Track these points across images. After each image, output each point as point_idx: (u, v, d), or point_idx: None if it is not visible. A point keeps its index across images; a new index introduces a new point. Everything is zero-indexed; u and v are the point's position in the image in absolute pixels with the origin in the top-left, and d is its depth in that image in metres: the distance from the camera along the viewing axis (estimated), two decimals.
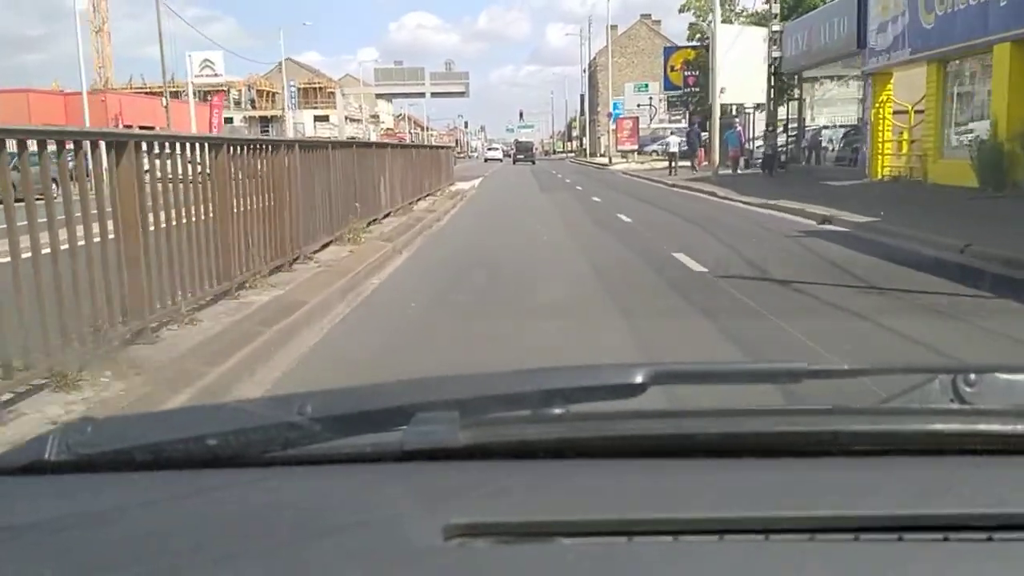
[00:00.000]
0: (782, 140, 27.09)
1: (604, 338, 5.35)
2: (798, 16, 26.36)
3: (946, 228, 9.92)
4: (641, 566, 0.70)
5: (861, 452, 0.87)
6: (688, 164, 31.39)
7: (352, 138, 61.81)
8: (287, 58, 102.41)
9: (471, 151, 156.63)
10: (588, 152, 77.88)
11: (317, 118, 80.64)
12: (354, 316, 6.45)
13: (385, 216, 13.08)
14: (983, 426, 0.88)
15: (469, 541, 0.72)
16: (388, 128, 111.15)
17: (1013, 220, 11.31)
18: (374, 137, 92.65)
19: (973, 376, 0.97)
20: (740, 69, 25.60)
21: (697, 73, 34.45)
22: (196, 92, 79.16)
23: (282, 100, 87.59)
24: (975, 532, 0.72)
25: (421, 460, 0.86)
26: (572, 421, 0.91)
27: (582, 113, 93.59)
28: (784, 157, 25.46)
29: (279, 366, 4.77)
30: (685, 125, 69.60)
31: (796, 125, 26.21)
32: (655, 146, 60.54)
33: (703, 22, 33.84)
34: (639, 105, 51.08)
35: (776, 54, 25.77)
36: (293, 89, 75.18)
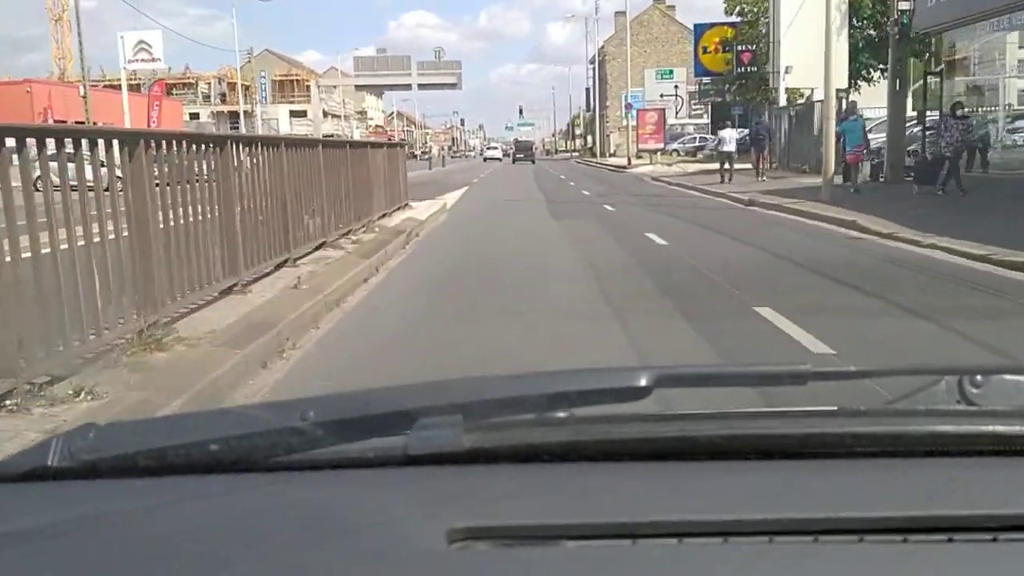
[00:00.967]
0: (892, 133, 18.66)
1: None
2: None
3: None
4: (645, 569, 0.70)
5: (866, 454, 0.87)
6: (747, 166, 23.00)
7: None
8: (266, 49, 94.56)
9: (468, 150, 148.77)
10: (597, 151, 69.55)
11: (294, 113, 72.34)
12: None
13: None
14: (989, 427, 0.87)
15: (473, 545, 0.72)
16: (377, 126, 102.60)
17: None
18: (357, 136, 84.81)
19: (979, 377, 0.96)
20: (806, 44, 19.41)
21: (753, 48, 26.05)
22: (143, 83, 71.38)
23: (257, 90, 79.56)
24: (980, 533, 0.71)
25: (425, 464, 0.85)
26: (576, 424, 0.90)
27: (588, 109, 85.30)
28: (924, 159, 16.95)
29: None
30: (706, 121, 61.82)
31: (937, 113, 17.57)
32: (675, 144, 52.37)
33: None
34: (662, 96, 42.72)
35: (905, 5, 17.34)
36: (263, 80, 66.83)
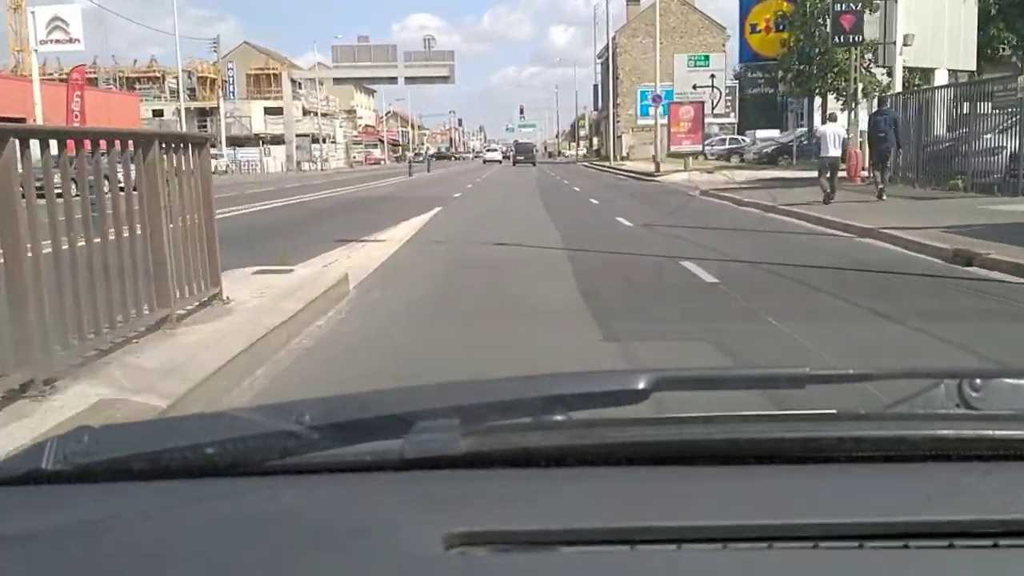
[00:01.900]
0: None
1: None
2: None
3: None
4: (643, 575, 0.70)
5: (866, 458, 0.86)
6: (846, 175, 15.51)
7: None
8: (245, 42, 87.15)
9: (466, 151, 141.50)
10: (609, 154, 62.23)
11: (269, 110, 65.01)
12: None
13: None
14: (989, 431, 0.86)
15: (470, 550, 0.71)
16: (367, 126, 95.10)
17: None
18: (340, 137, 77.60)
19: (979, 381, 0.96)
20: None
21: (855, 8, 18.54)
22: (119, 79, 64.13)
23: (239, 89, 72.27)
24: (981, 539, 0.71)
25: (421, 468, 0.85)
26: (573, 428, 0.90)
27: (596, 108, 77.93)
28: None
29: None
30: (733, 120, 54.44)
31: None
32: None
33: None
34: (695, 87, 35.35)
35: None
36: (231, 73, 59.42)
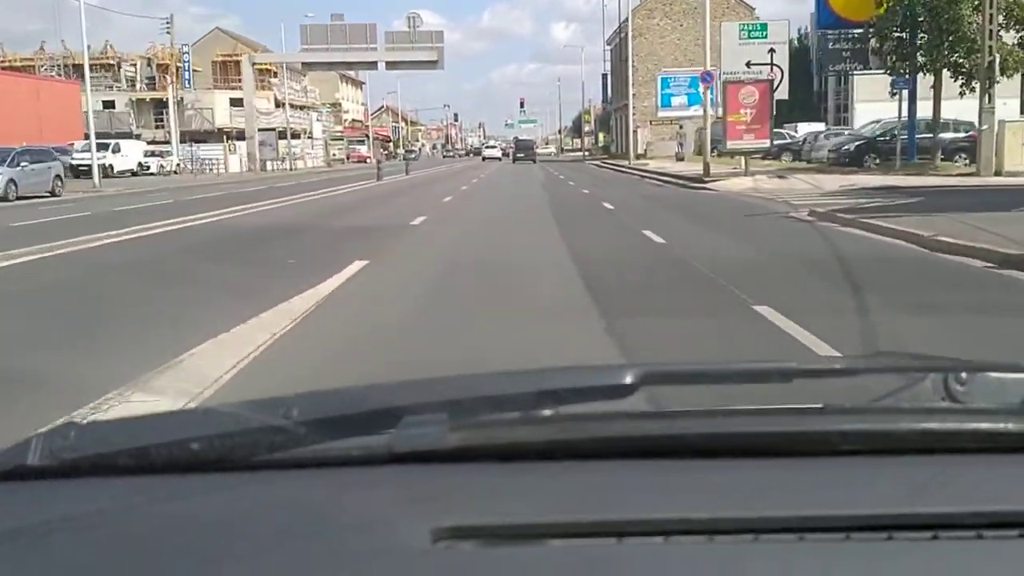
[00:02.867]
0: None
1: None
2: None
3: None
4: (631, 567, 0.70)
5: (852, 451, 0.87)
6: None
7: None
8: (216, 28, 79.50)
9: (464, 148, 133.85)
10: (623, 151, 54.56)
11: (235, 102, 57.25)
12: None
13: None
14: (974, 424, 0.88)
15: (458, 544, 0.72)
16: (354, 120, 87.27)
17: None
18: (318, 132, 69.97)
19: (964, 375, 0.97)
20: None
21: None
22: (67, 66, 56.45)
23: (205, 79, 64.57)
24: (965, 530, 0.72)
25: (409, 462, 0.85)
26: (562, 422, 0.90)
27: (604, 100, 70.34)
28: None
29: None
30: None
31: None
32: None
33: None
34: (750, 65, 27.62)
35: None
36: (187, 58, 51.63)
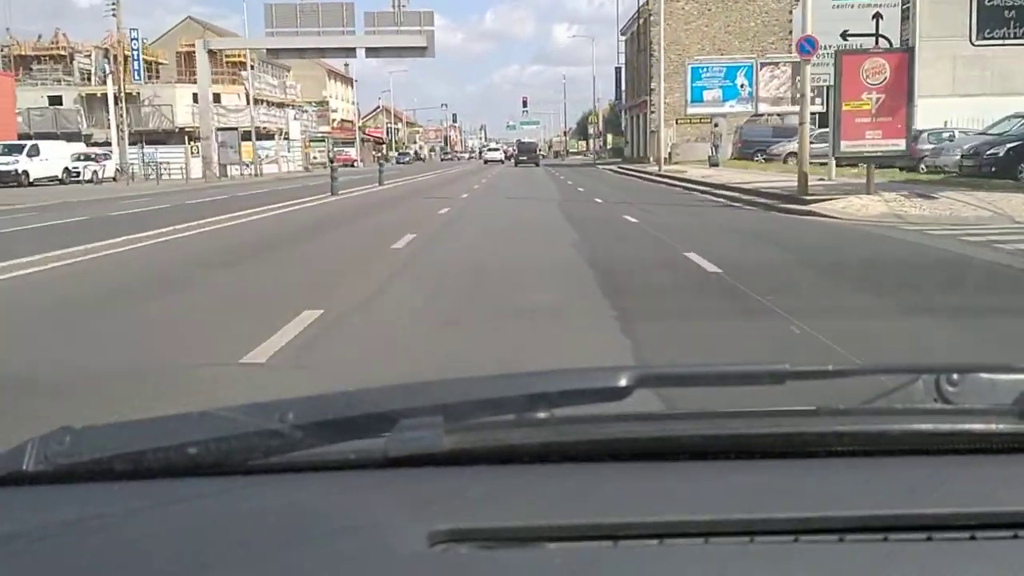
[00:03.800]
0: None
1: None
2: None
3: None
4: (627, 570, 0.70)
5: (846, 453, 0.87)
6: None
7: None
8: (188, 17, 72.45)
9: (463, 151, 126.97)
10: (645, 154, 47.59)
11: (196, 96, 50.40)
12: None
13: None
14: (966, 425, 0.89)
15: (454, 547, 0.72)
16: (343, 120, 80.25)
17: None
18: (295, 133, 62.45)
19: (956, 376, 0.98)
20: None
21: None
22: (7, 57, 49.65)
23: (170, 72, 57.67)
24: (958, 531, 0.73)
25: (405, 466, 0.85)
26: (557, 425, 0.91)
27: (617, 97, 63.43)
28: None
29: None
30: (820, 107, 40.05)
31: None
32: (785, 145, 30.93)
33: None
34: (847, 35, 20.69)
35: None
36: (135, 47, 44.68)
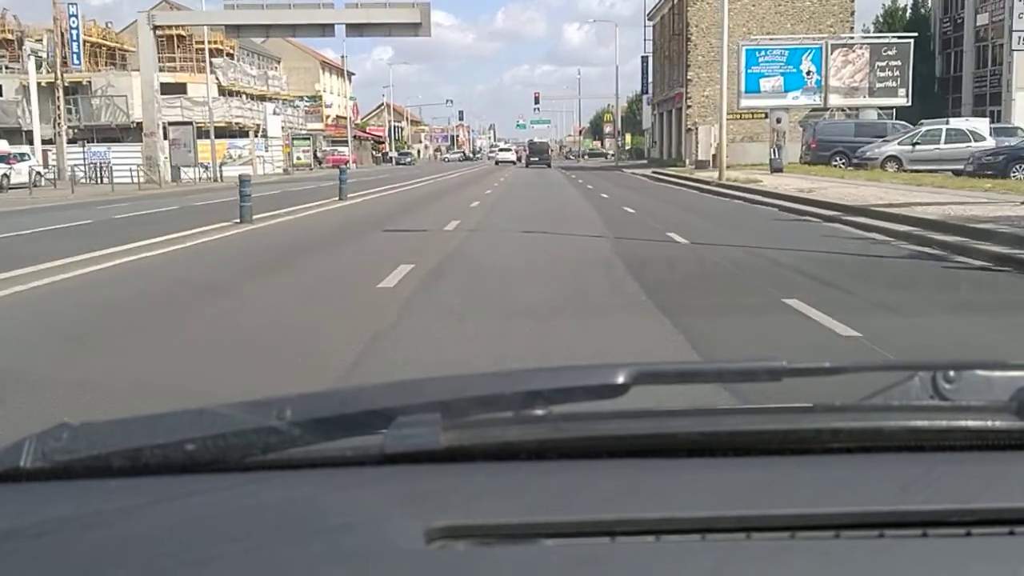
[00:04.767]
0: None
1: None
2: None
3: None
4: (624, 566, 0.70)
5: (842, 449, 0.88)
6: None
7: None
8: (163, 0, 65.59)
9: (470, 152, 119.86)
10: (677, 156, 40.33)
11: (165, 88, 43.37)
12: None
13: None
14: (962, 422, 0.89)
15: (451, 544, 0.72)
16: (339, 117, 73.09)
17: None
18: (274, 129, 54.19)
19: (952, 373, 0.98)
20: None
21: None
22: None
23: (137, 59, 50.80)
24: (954, 528, 0.73)
25: (402, 463, 0.85)
26: (554, 422, 0.90)
27: (643, 90, 56.16)
28: None
29: None
30: (902, 101, 31.70)
31: None
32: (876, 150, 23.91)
33: None
34: None
35: None
36: (74, 25, 37.60)
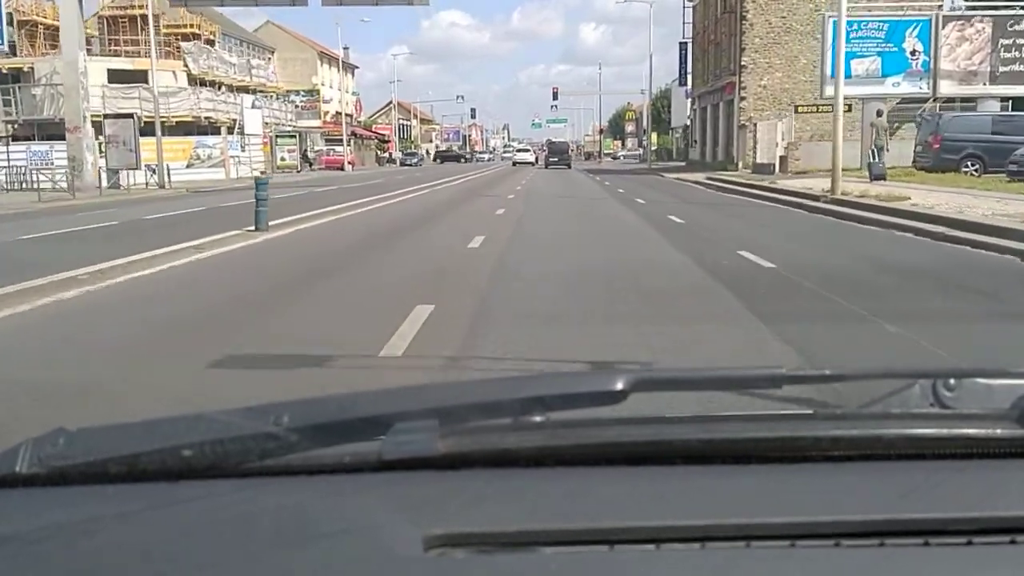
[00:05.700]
0: None
1: None
2: None
3: None
4: (623, 574, 0.70)
5: (842, 457, 0.87)
6: None
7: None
8: None
9: (483, 152, 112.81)
10: (727, 158, 33.22)
11: (122, 75, 36.80)
12: None
13: None
14: (962, 430, 0.89)
15: (449, 551, 0.72)
16: (339, 114, 65.98)
17: None
18: (253, 125, 45.31)
19: (952, 381, 0.97)
20: None
21: None
22: None
23: (96, 44, 44.01)
24: (955, 536, 0.73)
25: (400, 470, 0.85)
26: (552, 429, 0.90)
27: (680, 81, 49.08)
28: None
29: None
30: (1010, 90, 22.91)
31: None
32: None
33: None
34: None
35: None
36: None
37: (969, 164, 20.74)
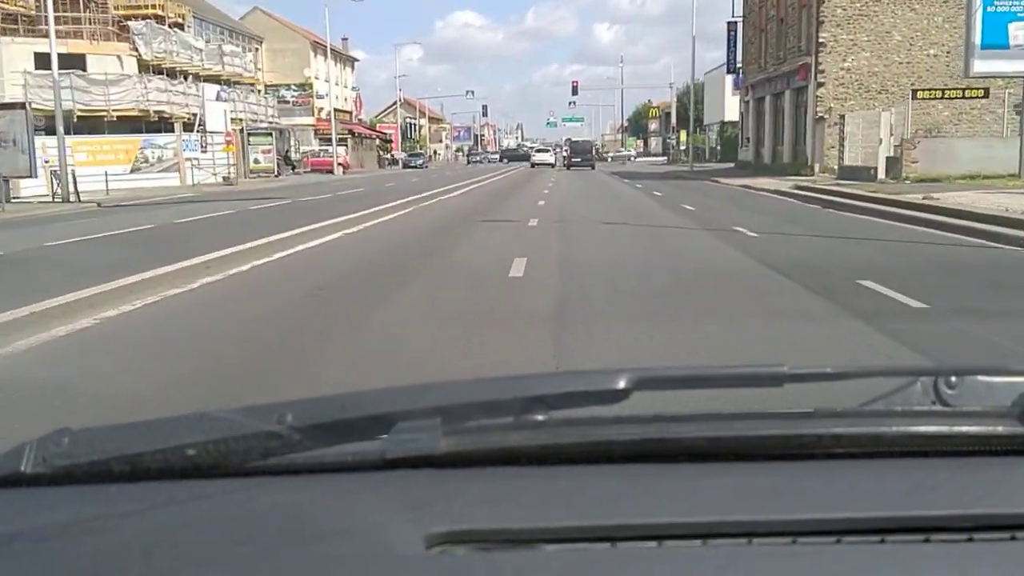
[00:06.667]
0: None
1: None
2: None
3: None
4: (625, 572, 0.70)
5: (844, 454, 0.88)
6: None
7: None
8: None
9: (492, 152, 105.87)
10: (793, 159, 26.16)
11: (43, 58, 30.06)
12: None
13: None
14: (964, 428, 0.89)
15: (451, 549, 0.72)
16: (339, 111, 58.84)
17: None
18: (215, 122, 39.09)
19: (954, 378, 0.98)
20: None
21: None
22: None
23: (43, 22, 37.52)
24: (956, 533, 0.73)
25: (403, 468, 0.86)
26: (554, 427, 0.91)
27: (729, 69, 41.89)
28: None
29: None
30: None
31: None
32: None
33: None
34: None
35: None
36: None
37: None
